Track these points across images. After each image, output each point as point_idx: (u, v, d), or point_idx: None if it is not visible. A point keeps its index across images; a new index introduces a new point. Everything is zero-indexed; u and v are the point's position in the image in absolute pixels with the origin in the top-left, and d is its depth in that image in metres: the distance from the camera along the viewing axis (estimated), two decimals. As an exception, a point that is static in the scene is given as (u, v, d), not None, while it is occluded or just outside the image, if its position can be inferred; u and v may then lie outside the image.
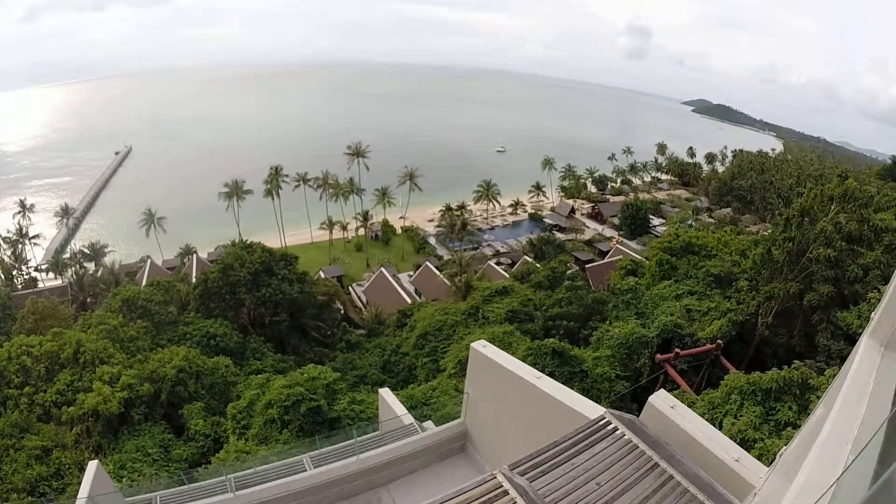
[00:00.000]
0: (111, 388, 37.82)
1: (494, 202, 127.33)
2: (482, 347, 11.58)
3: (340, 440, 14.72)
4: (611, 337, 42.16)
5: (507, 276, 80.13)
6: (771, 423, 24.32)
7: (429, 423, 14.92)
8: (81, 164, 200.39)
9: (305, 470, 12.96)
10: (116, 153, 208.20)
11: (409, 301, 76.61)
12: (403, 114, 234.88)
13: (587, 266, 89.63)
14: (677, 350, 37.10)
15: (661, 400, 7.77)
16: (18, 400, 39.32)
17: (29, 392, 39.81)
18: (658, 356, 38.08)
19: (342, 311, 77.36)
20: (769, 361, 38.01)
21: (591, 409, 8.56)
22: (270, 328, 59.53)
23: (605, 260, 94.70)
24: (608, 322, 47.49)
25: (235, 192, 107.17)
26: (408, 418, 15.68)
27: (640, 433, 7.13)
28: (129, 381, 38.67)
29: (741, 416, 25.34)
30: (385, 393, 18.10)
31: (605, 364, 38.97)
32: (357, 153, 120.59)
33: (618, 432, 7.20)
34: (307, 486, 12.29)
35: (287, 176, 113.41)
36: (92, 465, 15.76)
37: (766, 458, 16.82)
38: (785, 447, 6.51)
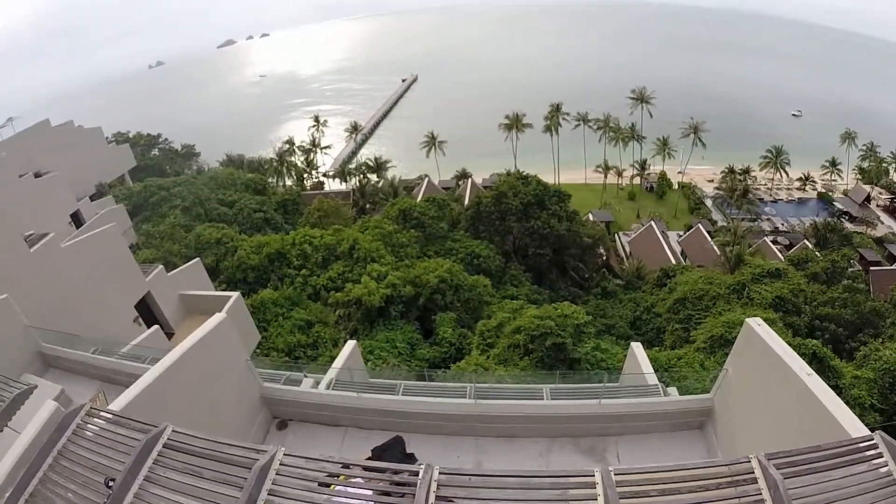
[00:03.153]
0: (377, 284, 40.86)
1: (782, 172, 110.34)
2: (757, 326, 10.19)
3: (576, 381, 14.41)
4: (879, 358, 35.39)
5: (781, 257, 72.16)
6: None
7: (672, 390, 13.91)
8: (368, 89, 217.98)
9: (543, 399, 12.79)
10: (403, 80, 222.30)
11: (673, 261, 72.78)
12: (687, 62, 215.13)
13: (872, 268, 76.24)
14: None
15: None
16: (294, 279, 45.02)
17: (304, 274, 45.37)
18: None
19: (604, 258, 75.54)
20: None
21: (855, 427, 7.32)
22: (532, 259, 59.79)
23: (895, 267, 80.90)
24: (881, 340, 40.57)
25: (515, 124, 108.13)
26: (652, 378, 14.75)
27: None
28: (393, 281, 41.42)
29: None
30: (637, 347, 17.20)
31: (864, 387, 33.12)
32: (641, 98, 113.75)
33: (880, 460, 5.86)
34: (542, 415, 12.19)
35: (567, 114, 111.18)
36: (350, 343, 17.41)
37: None
38: None
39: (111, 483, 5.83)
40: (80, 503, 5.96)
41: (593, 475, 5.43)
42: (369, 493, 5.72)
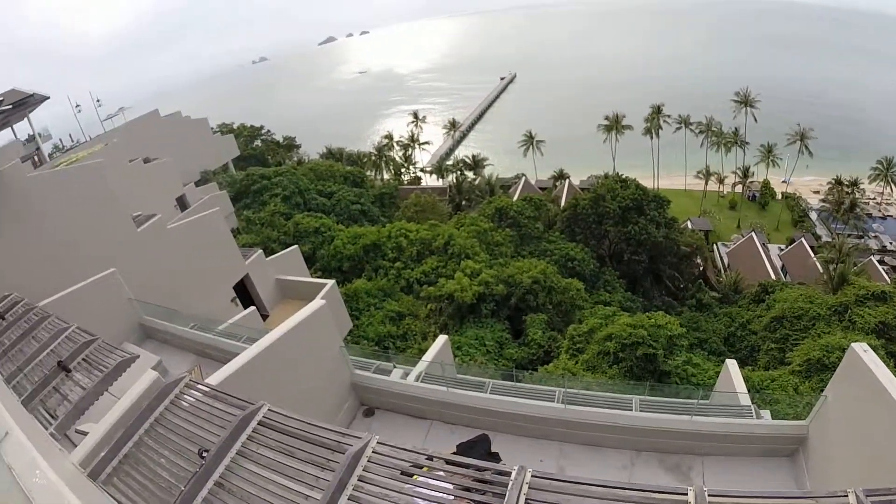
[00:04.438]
0: (470, 281, 40.94)
1: (893, 186, 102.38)
2: (863, 352, 9.31)
3: (664, 394, 13.79)
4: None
5: (887, 279, 67.30)
6: None
7: (766, 413, 13.08)
8: (466, 87, 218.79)
9: (631, 410, 12.28)
10: (502, 78, 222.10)
11: (772, 276, 68.91)
12: (790, 62, 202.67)
13: None
14: None
15: None
16: (388, 271, 45.64)
17: (399, 267, 45.89)
18: None
19: (701, 268, 72.87)
20: None
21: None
22: (627, 265, 58.41)
23: None
24: None
25: (615, 125, 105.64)
26: (745, 399, 13.98)
27: None
28: (486, 279, 41.35)
29: None
30: (732, 365, 16.39)
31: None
32: (745, 102, 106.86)
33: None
34: (630, 426, 11.80)
35: (668, 117, 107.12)
36: (442, 338, 17.40)
37: None
38: None
39: (205, 454, 5.95)
40: (172, 469, 6.10)
41: (686, 493, 5.04)
42: (451, 486, 5.62)
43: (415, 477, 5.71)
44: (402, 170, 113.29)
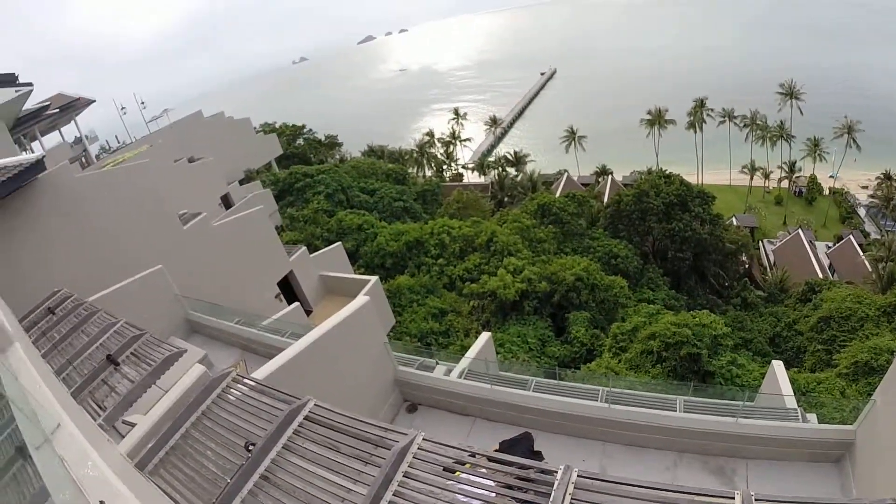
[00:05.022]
0: (512, 278, 40.81)
1: None
2: None
3: (708, 395, 13.53)
4: None
5: None
6: None
7: (812, 417, 12.68)
8: (507, 83, 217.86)
9: (675, 411, 12.07)
10: (542, 73, 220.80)
11: (820, 275, 66.99)
12: (835, 51, 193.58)
13: None
14: None
15: None
16: (431, 267, 45.63)
17: (441, 264, 45.86)
18: None
19: (746, 266, 70.97)
20: None
21: None
22: (671, 263, 57.37)
23: None
24: None
25: (657, 120, 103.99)
26: (792, 402, 13.62)
27: None
28: (529, 276, 41.17)
29: None
30: (778, 366, 15.93)
31: None
32: (790, 93, 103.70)
33: None
34: (673, 427, 11.66)
35: (712, 110, 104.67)
36: (485, 335, 17.61)
37: None
38: None
39: (251, 447, 6.04)
40: (219, 461, 6.20)
41: (733, 497, 4.87)
42: (493, 484, 5.61)
43: (457, 473, 5.71)
44: (444, 167, 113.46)
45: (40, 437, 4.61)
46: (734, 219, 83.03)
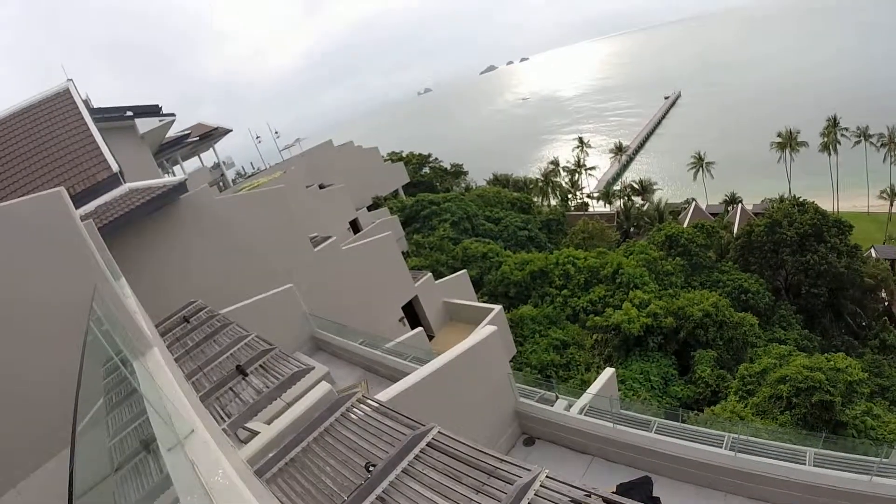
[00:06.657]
0: (638, 312, 39.60)
1: None
2: None
3: (839, 448, 12.22)
4: None
5: None
6: None
7: None
8: (631, 108, 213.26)
9: (805, 464, 11.01)
10: (666, 98, 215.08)
11: (970, 314, 60.55)
12: None
13: None
14: None
15: None
16: (555, 298, 45.04)
17: (565, 294, 45.19)
18: None
19: (886, 304, 64.19)
20: None
21: None
22: (805, 299, 53.28)
23: None
24: None
25: (789, 142, 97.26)
26: None
27: None
28: (655, 310, 39.81)
29: None
30: None
31: None
32: None
33: None
34: (804, 482, 10.62)
35: (846, 129, 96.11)
36: (609, 371, 17.03)
37: None
38: None
39: (371, 468, 6.14)
40: (337, 478, 6.34)
41: None
42: None
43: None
44: (569, 195, 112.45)
45: (173, 440, 4.80)
46: (873, 250, 75.92)
